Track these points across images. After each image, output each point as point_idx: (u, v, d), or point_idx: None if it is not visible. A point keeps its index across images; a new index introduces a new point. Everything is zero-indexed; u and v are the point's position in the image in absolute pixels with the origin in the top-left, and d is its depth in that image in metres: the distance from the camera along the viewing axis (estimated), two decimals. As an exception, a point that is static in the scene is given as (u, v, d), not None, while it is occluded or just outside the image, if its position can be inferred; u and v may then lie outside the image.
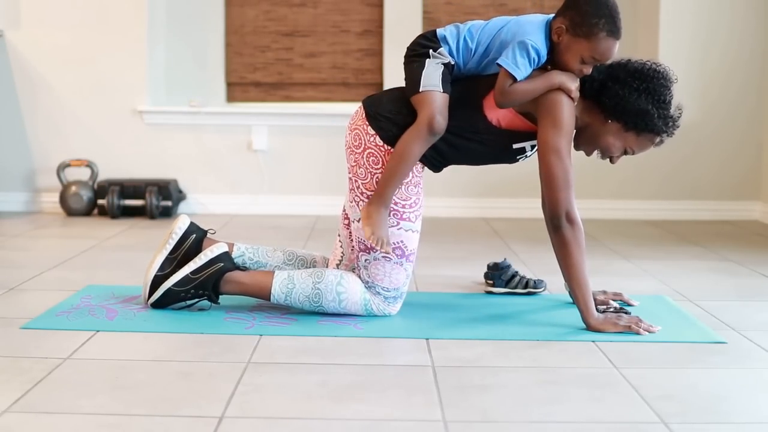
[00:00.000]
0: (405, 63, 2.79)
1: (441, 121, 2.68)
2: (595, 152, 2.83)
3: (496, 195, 5.34)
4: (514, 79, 2.63)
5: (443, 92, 2.70)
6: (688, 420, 1.97)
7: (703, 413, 2.02)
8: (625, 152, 2.78)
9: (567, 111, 2.66)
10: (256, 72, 5.69)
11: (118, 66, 5.28)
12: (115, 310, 2.83)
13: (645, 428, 1.93)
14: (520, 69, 2.63)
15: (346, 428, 1.91)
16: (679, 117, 2.76)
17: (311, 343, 2.53)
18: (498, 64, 2.66)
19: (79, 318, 2.74)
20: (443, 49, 2.73)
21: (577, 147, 2.82)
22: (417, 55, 2.75)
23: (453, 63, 2.74)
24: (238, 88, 5.72)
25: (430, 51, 2.73)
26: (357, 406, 2.03)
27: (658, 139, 2.76)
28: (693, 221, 5.22)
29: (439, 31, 2.77)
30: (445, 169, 2.89)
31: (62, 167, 5.18)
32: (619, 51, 2.70)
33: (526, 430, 1.91)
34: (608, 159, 2.83)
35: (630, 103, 2.67)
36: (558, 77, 2.66)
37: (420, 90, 2.69)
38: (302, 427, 1.91)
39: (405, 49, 2.81)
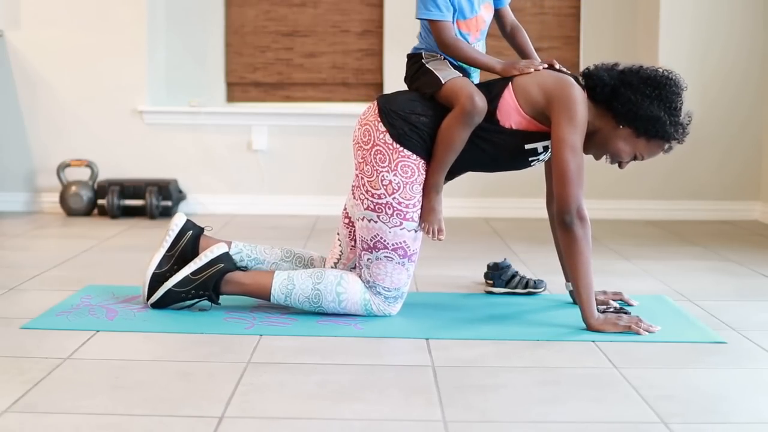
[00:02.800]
0: (412, 85, 2.89)
1: (479, 100, 2.71)
2: (604, 157, 2.84)
3: (496, 195, 5.34)
4: (444, 25, 2.74)
5: (463, 77, 2.78)
6: (688, 420, 1.97)
7: (703, 413, 2.02)
8: (635, 158, 2.79)
9: (581, 107, 2.69)
10: (256, 72, 5.69)
11: (118, 66, 5.28)
12: (115, 310, 2.83)
13: (645, 428, 1.93)
14: (433, 11, 2.74)
15: (346, 428, 1.91)
16: (688, 124, 2.77)
17: (311, 343, 2.53)
18: (420, 19, 2.79)
19: (79, 318, 2.74)
20: (424, 52, 2.84)
21: (586, 151, 2.83)
22: (416, 72, 2.85)
23: (444, 57, 2.84)
24: (238, 88, 5.72)
25: (421, 60, 2.83)
26: (357, 406, 2.03)
27: (667, 146, 2.78)
28: (693, 221, 5.22)
29: (413, 49, 2.90)
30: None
31: (62, 167, 5.18)
32: (620, 54, 2.71)
33: (526, 430, 1.91)
34: (617, 164, 2.83)
35: (642, 109, 2.69)
36: (499, 65, 2.79)
37: (443, 82, 2.74)
38: (302, 427, 1.91)
39: (405, 56, 2.92)
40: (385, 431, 1.90)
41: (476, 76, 2.92)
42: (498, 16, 2.98)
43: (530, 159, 2.82)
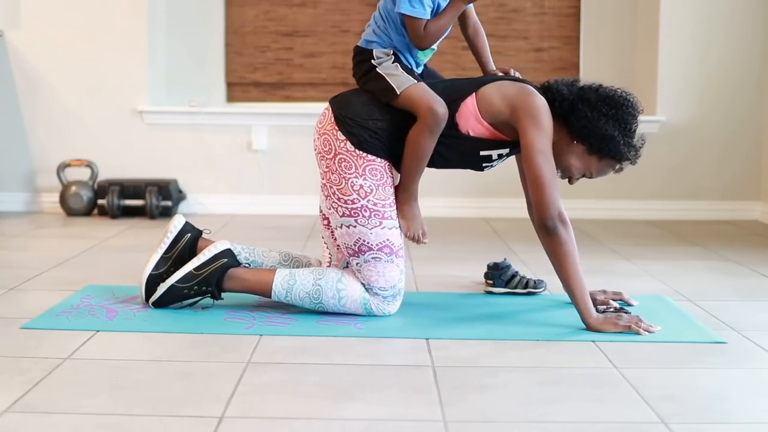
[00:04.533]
0: (363, 86, 2.85)
1: (440, 109, 2.71)
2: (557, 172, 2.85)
3: (496, 195, 5.34)
4: (422, 23, 2.72)
5: (419, 82, 2.76)
6: (688, 420, 1.97)
7: (703, 413, 2.02)
8: (584, 175, 2.82)
9: (545, 114, 2.71)
10: (256, 72, 5.69)
11: (119, 66, 5.28)
12: (115, 310, 2.83)
13: (645, 428, 1.93)
14: (417, 8, 2.71)
15: (346, 428, 1.91)
16: (641, 147, 2.82)
17: (311, 343, 2.53)
18: (399, 13, 2.74)
19: (79, 318, 2.74)
20: (376, 50, 2.80)
21: None
22: (365, 73, 2.81)
23: (394, 52, 2.80)
24: (238, 88, 5.72)
25: (372, 61, 2.79)
26: (357, 406, 2.03)
27: (618, 166, 2.81)
28: (693, 221, 5.22)
29: (360, 44, 2.86)
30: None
31: (62, 167, 5.18)
32: (619, 54, 2.72)
33: (526, 430, 1.91)
34: (567, 179, 2.86)
35: (597, 127, 2.73)
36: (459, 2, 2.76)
37: (399, 93, 2.73)
38: (302, 427, 1.91)
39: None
40: (385, 431, 1.90)
41: (427, 58, 2.91)
42: (462, 14, 2.96)
43: (483, 164, 2.84)
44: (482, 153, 2.79)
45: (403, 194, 2.80)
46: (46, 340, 2.51)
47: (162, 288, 2.82)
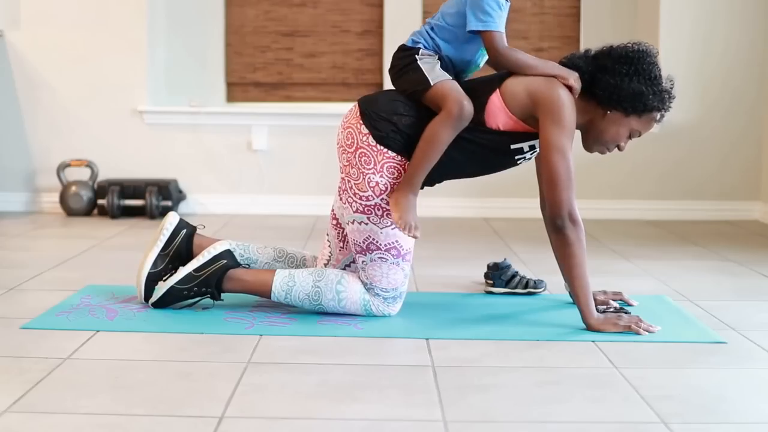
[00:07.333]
0: (396, 78, 2.83)
1: (468, 106, 2.69)
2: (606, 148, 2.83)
3: (496, 195, 5.34)
4: (498, 35, 2.70)
5: (453, 79, 2.74)
6: (688, 420, 1.97)
7: (703, 413, 2.02)
8: (630, 136, 2.79)
9: (568, 110, 2.67)
10: (256, 72, 5.69)
11: (119, 66, 5.28)
12: (115, 310, 2.83)
13: (645, 428, 1.93)
14: (490, 21, 2.69)
15: (346, 428, 1.91)
16: (672, 88, 2.78)
17: (311, 343, 2.53)
18: (472, 31, 2.71)
19: (79, 318, 2.74)
20: (422, 50, 2.78)
21: (589, 149, 2.83)
22: (405, 66, 2.79)
23: (439, 56, 2.78)
24: (238, 88, 5.72)
25: (415, 56, 2.77)
26: (357, 406, 2.03)
27: (659, 116, 2.78)
28: (693, 221, 5.22)
29: (407, 41, 2.83)
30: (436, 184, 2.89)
31: (62, 167, 5.18)
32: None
33: (526, 430, 1.91)
34: (616, 147, 2.83)
35: (624, 90, 2.70)
36: (559, 69, 2.73)
37: (432, 84, 2.71)
38: (302, 427, 1.91)
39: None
40: (385, 431, 1.90)
41: (470, 74, 2.90)
42: None
43: (516, 158, 2.81)
44: (513, 146, 2.77)
45: (405, 184, 2.72)
46: (46, 340, 2.51)
47: (162, 289, 2.82)
